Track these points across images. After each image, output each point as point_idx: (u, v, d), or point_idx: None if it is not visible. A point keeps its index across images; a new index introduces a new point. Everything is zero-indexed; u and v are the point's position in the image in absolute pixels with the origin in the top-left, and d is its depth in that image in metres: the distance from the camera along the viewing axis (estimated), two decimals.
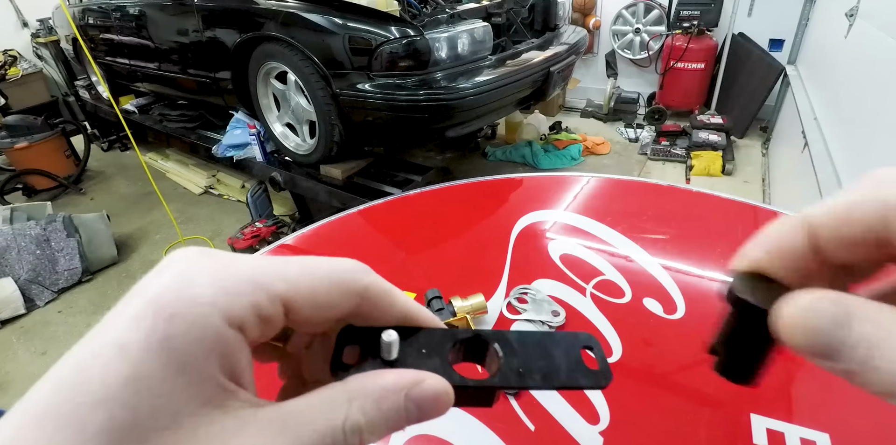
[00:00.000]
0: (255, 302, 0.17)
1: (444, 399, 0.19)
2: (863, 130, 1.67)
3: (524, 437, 0.49)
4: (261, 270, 0.18)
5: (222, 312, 0.16)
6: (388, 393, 0.18)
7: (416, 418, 0.18)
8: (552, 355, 0.22)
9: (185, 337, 0.16)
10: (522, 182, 1.00)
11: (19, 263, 2.41)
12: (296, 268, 0.19)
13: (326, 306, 0.20)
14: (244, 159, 2.77)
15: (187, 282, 0.17)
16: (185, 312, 0.16)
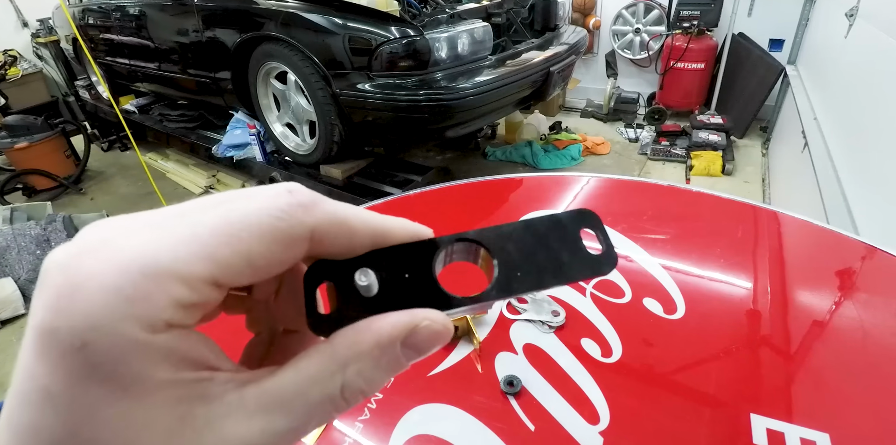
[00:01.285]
0: (172, 297, 0.14)
1: (443, 335, 0.17)
2: (863, 130, 1.67)
3: (524, 437, 0.49)
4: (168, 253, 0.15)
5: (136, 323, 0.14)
6: (385, 348, 0.16)
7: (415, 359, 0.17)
8: (549, 245, 0.19)
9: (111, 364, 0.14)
10: (522, 182, 1.00)
11: (19, 263, 2.41)
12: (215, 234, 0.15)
13: (268, 266, 0.16)
14: (244, 159, 2.77)
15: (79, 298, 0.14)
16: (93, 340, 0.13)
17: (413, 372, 0.56)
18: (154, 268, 0.14)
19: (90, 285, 0.14)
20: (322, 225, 0.17)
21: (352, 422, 0.51)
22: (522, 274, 0.19)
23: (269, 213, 0.16)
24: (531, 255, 0.19)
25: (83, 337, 0.13)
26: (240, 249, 0.15)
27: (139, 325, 0.14)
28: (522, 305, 0.65)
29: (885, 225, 1.27)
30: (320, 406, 0.16)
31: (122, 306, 0.14)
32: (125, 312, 0.14)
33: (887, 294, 0.64)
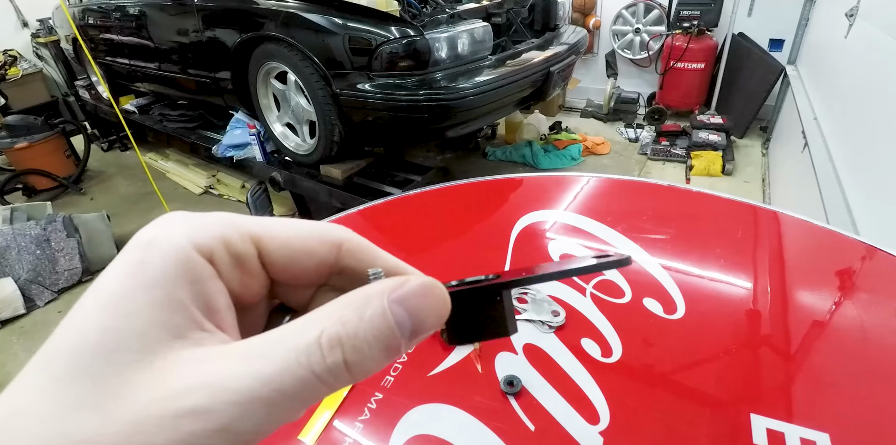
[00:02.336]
0: (223, 234, 0.18)
1: (435, 293, 0.17)
2: (863, 130, 1.67)
3: (524, 437, 0.49)
4: (236, 216, 0.19)
5: (190, 239, 0.17)
6: (371, 299, 0.16)
7: (409, 326, 0.16)
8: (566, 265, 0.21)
9: (155, 259, 0.16)
10: (522, 182, 1.00)
11: (19, 263, 2.41)
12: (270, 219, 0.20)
13: (303, 252, 0.19)
14: (244, 159, 2.77)
15: (166, 224, 0.18)
16: (158, 241, 0.17)
17: (413, 372, 0.56)
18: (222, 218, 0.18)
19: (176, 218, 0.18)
20: (352, 241, 0.20)
21: (352, 422, 0.51)
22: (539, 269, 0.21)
23: (313, 222, 0.21)
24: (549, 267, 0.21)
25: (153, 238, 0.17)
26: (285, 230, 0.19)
27: (191, 242, 0.17)
28: (522, 305, 0.65)
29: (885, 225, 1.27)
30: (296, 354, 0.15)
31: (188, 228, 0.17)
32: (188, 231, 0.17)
33: (887, 294, 0.64)
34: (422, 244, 0.85)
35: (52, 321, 2.33)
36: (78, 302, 0.16)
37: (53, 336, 0.15)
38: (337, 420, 0.51)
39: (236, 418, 0.14)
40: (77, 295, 2.48)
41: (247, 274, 0.19)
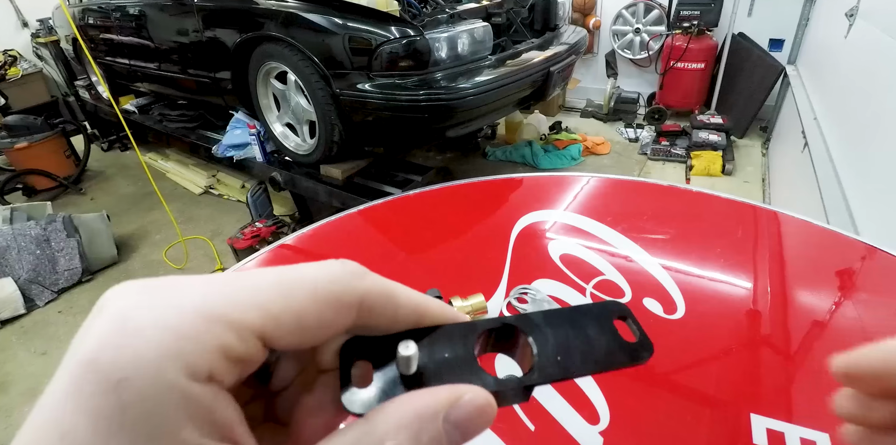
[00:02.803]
0: (220, 344, 0.14)
1: (488, 413, 0.16)
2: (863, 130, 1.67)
3: (524, 437, 0.49)
4: (223, 298, 0.14)
5: (181, 365, 0.13)
6: (425, 422, 0.15)
7: (459, 441, 0.16)
8: (586, 333, 0.20)
9: (141, 407, 0.12)
10: (522, 182, 1.00)
11: (19, 263, 2.41)
12: (270, 288, 0.15)
13: (317, 328, 0.16)
14: (244, 159, 2.77)
15: (129, 331, 0.13)
16: (133, 375, 0.13)
17: None
18: (209, 310, 0.14)
19: (144, 320, 0.13)
20: (371, 294, 0.17)
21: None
22: (563, 358, 0.19)
23: (324, 276, 0.17)
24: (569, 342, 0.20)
25: (123, 371, 0.13)
26: (292, 305, 0.15)
27: (183, 368, 0.13)
28: (523, 305, 0.65)
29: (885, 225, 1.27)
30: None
31: (170, 343, 0.13)
32: (172, 351, 0.13)
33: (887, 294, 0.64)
34: (422, 244, 0.85)
35: (51, 321, 2.33)
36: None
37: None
38: None
39: None
40: (77, 295, 2.49)
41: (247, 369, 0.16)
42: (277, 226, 2.62)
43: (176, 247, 2.83)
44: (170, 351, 0.13)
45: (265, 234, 2.53)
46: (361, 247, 0.84)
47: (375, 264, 0.79)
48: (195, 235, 2.97)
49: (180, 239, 2.83)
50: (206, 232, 3.00)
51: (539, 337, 0.19)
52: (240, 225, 2.65)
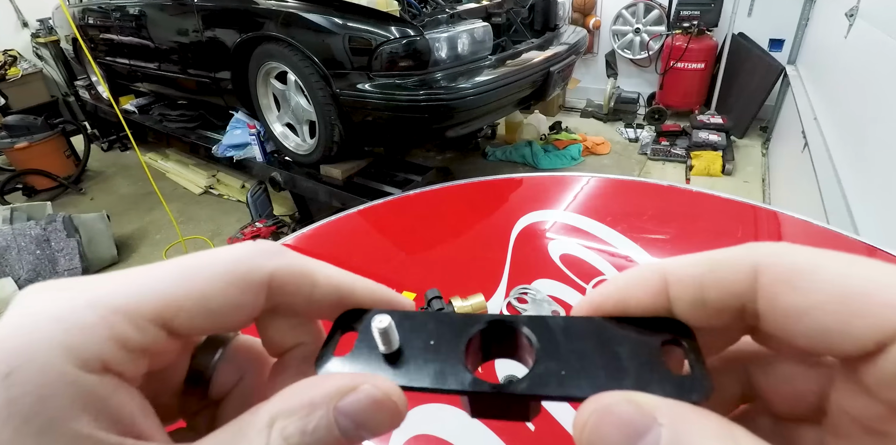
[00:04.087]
0: (114, 334, 0.14)
1: (386, 407, 0.15)
2: (863, 130, 1.67)
3: (524, 437, 0.49)
4: (121, 289, 0.14)
5: (71, 356, 0.13)
6: (316, 409, 0.14)
7: (355, 435, 0.14)
8: (614, 350, 0.16)
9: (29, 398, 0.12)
10: (522, 182, 1.00)
11: (19, 263, 2.41)
12: (170, 275, 0.15)
13: (224, 310, 0.16)
14: (244, 159, 2.77)
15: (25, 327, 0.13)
16: (22, 368, 0.12)
17: None
18: (103, 303, 0.14)
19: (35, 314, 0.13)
20: (282, 271, 0.17)
21: None
22: (567, 373, 0.15)
23: (227, 257, 0.16)
24: (585, 357, 0.16)
25: (10, 363, 0.12)
26: (194, 290, 0.15)
27: (71, 357, 0.13)
28: (523, 305, 0.65)
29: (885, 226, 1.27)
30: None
31: (58, 335, 0.13)
32: (59, 340, 0.13)
33: None
34: (422, 244, 0.85)
35: None
36: None
37: None
38: None
39: None
40: None
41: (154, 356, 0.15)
42: (277, 226, 2.62)
43: (176, 247, 2.83)
44: (59, 342, 0.13)
45: (265, 234, 2.53)
46: (361, 247, 0.84)
47: (375, 264, 0.79)
48: (195, 235, 2.97)
49: (180, 240, 2.83)
50: (206, 232, 3.00)
51: (546, 344, 0.16)
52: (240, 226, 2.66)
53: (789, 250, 0.14)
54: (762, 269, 0.14)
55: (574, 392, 0.15)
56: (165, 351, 0.15)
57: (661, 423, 0.13)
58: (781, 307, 0.14)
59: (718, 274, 0.15)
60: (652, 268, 0.16)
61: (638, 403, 0.14)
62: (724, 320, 0.15)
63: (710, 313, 0.15)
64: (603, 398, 0.14)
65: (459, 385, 0.16)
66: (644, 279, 0.16)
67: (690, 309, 0.16)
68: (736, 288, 0.15)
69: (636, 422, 0.13)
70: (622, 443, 0.13)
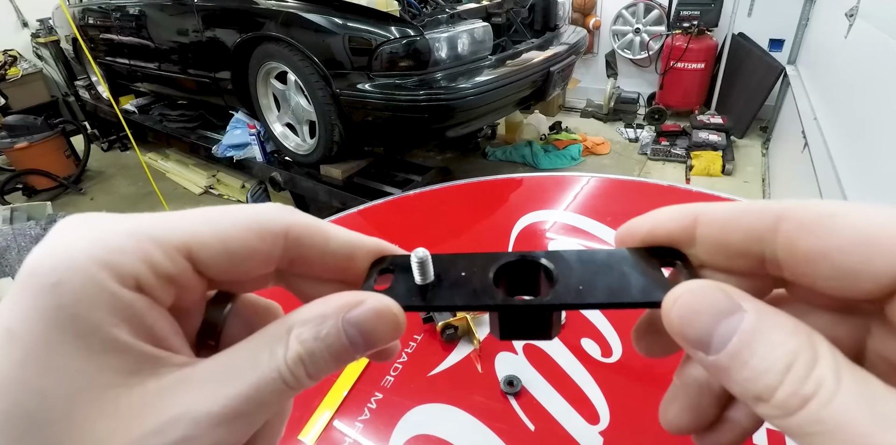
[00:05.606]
0: (146, 257, 0.15)
1: (387, 317, 0.17)
2: (863, 130, 1.67)
3: (524, 437, 0.49)
4: (151, 222, 0.16)
5: (111, 271, 0.14)
6: (327, 318, 0.16)
7: (361, 343, 0.17)
8: (623, 271, 0.18)
9: (76, 305, 0.14)
10: (522, 182, 1.00)
11: (19, 263, 2.41)
12: (197, 217, 0.17)
13: (243, 253, 0.17)
14: (244, 159, 2.77)
15: (65, 246, 0.15)
16: (68, 279, 0.14)
17: (413, 372, 0.56)
18: (135, 230, 0.16)
19: (79, 237, 0.15)
20: (298, 225, 0.18)
21: (352, 422, 0.51)
22: (585, 288, 0.18)
23: (249, 209, 0.18)
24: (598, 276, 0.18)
25: (59, 274, 0.14)
26: (217, 231, 0.17)
27: (111, 273, 0.14)
28: None
29: None
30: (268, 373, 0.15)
31: (101, 253, 0.14)
32: (101, 258, 0.14)
33: None
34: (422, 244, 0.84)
35: None
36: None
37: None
38: (337, 420, 0.51)
39: (223, 437, 0.15)
40: None
41: (182, 288, 0.17)
42: None
43: None
44: (100, 260, 0.14)
45: None
46: None
47: None
48: None
49: None
50: None
51: (563, 269, 0.18)
52: None
53: (813, 201, 0.15)
54: (784, 216, 0.15)
55: (590, 300, 0.17)
56: (189, 286, 0.17)
57: (745, 310, 0.15)
58: (802, 251, 0.15)
59: (743, 218, 0.16)
60: (688, 207, 0.18)
61: (728, 291, 0.15)
62: (744, 264, 0.17)
63: (731, 255, 0.17)
64: (695, 283, 0.16)
65: (491, 300, 0.18)
66: (678, 214, 0.18)
67: (713, 249, 0.17)
68: (758, 233, 0.16)
69: (725, 304, 0.15)
70: (708, 319, 0.15)
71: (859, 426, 0.12)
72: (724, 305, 0.15)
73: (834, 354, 0.14)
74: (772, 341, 0.14)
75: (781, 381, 0.13)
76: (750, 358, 0.14)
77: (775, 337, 0.14)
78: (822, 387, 0.13)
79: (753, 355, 0.14)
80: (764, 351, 0.14)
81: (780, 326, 0.14)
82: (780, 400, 0.13)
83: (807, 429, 0.13)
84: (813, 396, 0.13)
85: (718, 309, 0.15)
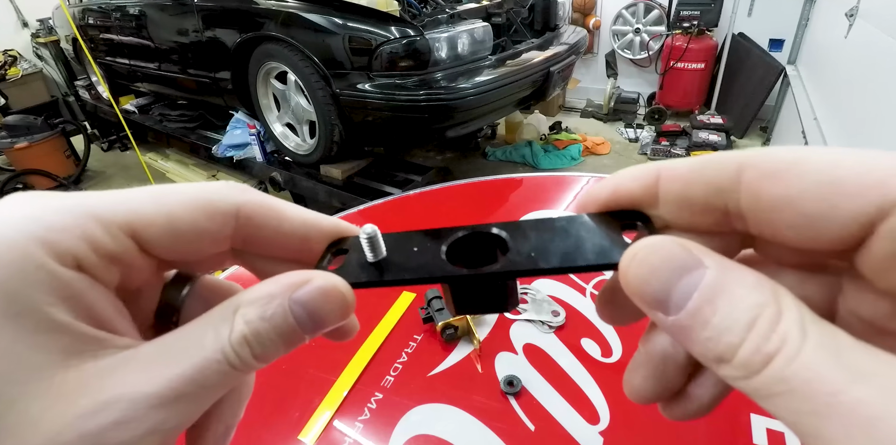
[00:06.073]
0: (86, 235, 0.15)
1: (334, 296, 0.16)
2: (863, 130, 1.67)
3: (524, 437, 0.49)
4: (94, 200, 0.16)
5: (49, 249, 0.14)
6: (273, 298, 0.16)
7: (309, 323, 0.16)
8: (581, 236, 0.17)
9: (9, 283, 0.13)
10: (522, 182, 1.00)
11: None
12: (142, 194, 0.16)
13: (191, 233, 0.17)
14: (244, 159, 2.77)
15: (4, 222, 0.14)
16: (4, 254, 0.13)
17: (413, 372, 0.56)
18: (76, 207, 0.15)
19: (14, 213, 0.14)
20: (250, 204, 0.18)
21: (352, 422, 0.51)
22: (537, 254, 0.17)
23: (197, 187, 0.17)
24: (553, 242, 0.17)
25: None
26: (162, 208, 0.16)
27: (47, 250, 0.14)
28: (522, 305, 0.65)
29: None
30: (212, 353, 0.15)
31: (36, 230, 0.14)
32: (37, 235, 0.14)
33: None
34: None
35: None
36: None
37: None
38: (337, 420, 0.51)
39: (163, 419, 0.14)
40: None
41: (127, 268, 0.16)
42: None
43: None
44: (37, 237, 0.14)
45: None
46: None
47: None
48: None
49: None
50: None
51: (518, 238, 0.18)
52: None
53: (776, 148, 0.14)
54: (747, 165, 0.14)
55: (542, 265, 0.17)
56: (136, 266, 0.16)
57: (707, 265, 0.14)
58: (765, 200, 0.14)
59: (704, 171, 0.15)
60: (650, 165, 0.17)
61: (688, 247, 0.14)
62: (709, 220, 0.16)
63: (695, 211, 0.16)
64: (653, 238, 0.15)
65: (440, 272, 0.17)
66: (640, 173, 0.17)
67: (677, 207, 0.16)
68: (720, 184, 0.15)
69: (685, 260, 0.14)
70: (667, 275, 0.14)
71: (826, 382, 0.11)
72: (683, 260, 0.14)
73: (799, 308, 0.13)
74: (734, 296, 0.13)
75: (744, 339, 0.12)
76: (712, 317, 0.13)
77: (738, 292, 0.13)
78: (787, 343, 0.12)
79: (715, 313, 0.13)
80: (726, 308, 0.13)
81: (742, 280, 0.13)
82: (743, 359, 0.12)
83: (772, 389, 0.12)
84: (777, 353, 0.12)
85: (677, 264, 0.14)
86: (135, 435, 0.14)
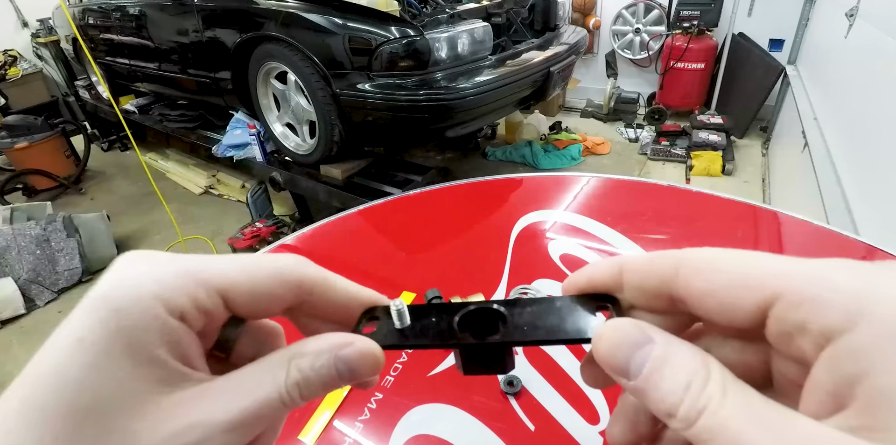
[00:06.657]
0: (193, 295, 0.19)
1: (370, 357, 0.21)
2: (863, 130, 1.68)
3: (524, 437, 0.49)
4: (198, 266, 0.20)
5: (164, 305, 0.18)
6: (322, 354, 0.20)
7: (347, 376, 0.20)
8: (563, 314, 0.22)
9: (135, 327, 0.18)
10: (522, 182, 1.00)
11: (19, 263, 2.41)
12: (235, 264, 0.21)
13: (266, 297, 0.21)
14: (244, 159, 2.77)
15: (131, 280, 0.18)
16: (131, 307, 0.18)
17: (413, 372, 0.56)
18: (186, 272, 0.20)
19: (138, 274, 0.19)
20: (309, 276, 0.22)
21: (352, 422, 0.51)
22: (528, 328, 0.21)
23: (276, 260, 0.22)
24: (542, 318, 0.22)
25: (123, 303, 0.18)
26: (249, 277, 0.21)
27: (164, 306, 0.18)
28: None
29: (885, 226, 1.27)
30: (270, 392, 0.19)
31: (156, 289, 0.18)
32: (156, 293, 0.18)
33: None
34: (422, 244, 0.85)
35: (51, 320, 2.33)
36: (51, 358, 0.17)
37: (38, 398, 0.16)
38: (337, 420, 0.51)
39: (230, 440, 0.18)
40: (77, 294, 2.49)
41: (211, 319, 0.20)
42: (277, 226, 2.62)
43: (176, 247, 2.83)
44: (157, 295, 0.18)
45: (265, 234, 2.53)
46: (361, 247, 0.84)
47: (375, 264, 0.79)
48: (195, 235, 2.97)
49: (180, 240, 2.83)
50: (206, 232, 3.00)
51: (514, 314, 0.22)
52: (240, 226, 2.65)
53: (703, 249, 0.19)
54: (682, 263, 0.19)
55: (532, 337, 0.21)
56: (217, 317, 0.21)
57: (656, 341, 0.18)
58: (694, 291, 0.18)
59: (653, 267, 0.20)
60: (615, 259, 0.22)
61: (641, 327, 0.19)
62: (660, 303, 0.20)
63: (650, 297, 0.20)
64: (617, 321, 0.19)
65: (452, 340, 0.22)
66: (608, 266, 0.22)
67: (636, 293, 0.21)
68: (665, 277, 0.19)
69: (639, 338, 0.18)
70: (626, 350, 0.18)
71: (740, 432, 0.15)
72: (637, 338, 0.18)
73: (722, 372, 0.16)
74: (675, 365, 0.17)
75: (682, 398, 0.16)
76: (660, 381, 0.17)
77: (678, 362, 0.17)
78: (712, 400, 0.16)
79: (662, 378, 0.17)
80: (670, 373, 0.17)
81: (681, 353, 0.17)
82: (683, 414, 0.16)
83: (703, 437, 0.15)
84: (705, 408, 0.15)
85: (633, 341, 0.18)
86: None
